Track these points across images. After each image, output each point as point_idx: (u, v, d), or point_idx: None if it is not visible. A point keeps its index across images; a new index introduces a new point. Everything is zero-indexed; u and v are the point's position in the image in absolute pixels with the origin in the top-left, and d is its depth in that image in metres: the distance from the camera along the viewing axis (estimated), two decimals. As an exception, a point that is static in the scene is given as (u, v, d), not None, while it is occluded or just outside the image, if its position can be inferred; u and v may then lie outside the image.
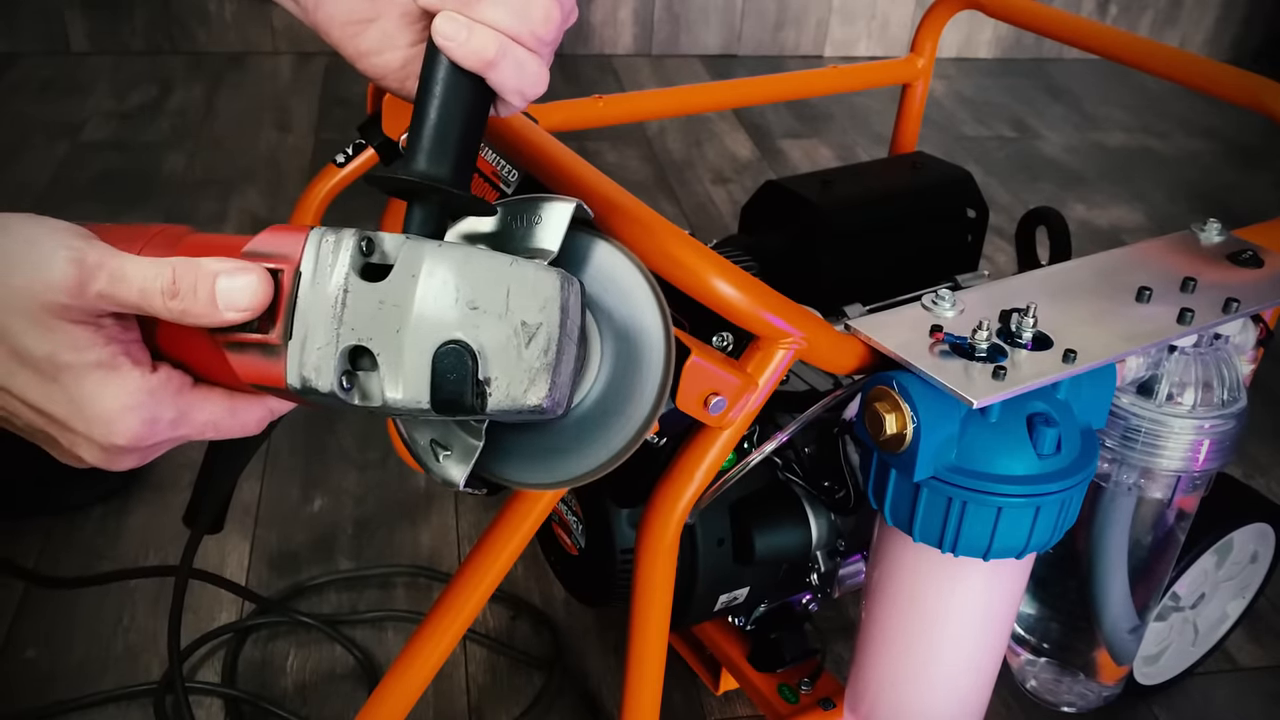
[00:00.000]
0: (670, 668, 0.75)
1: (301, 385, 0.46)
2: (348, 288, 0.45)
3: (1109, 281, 0.74)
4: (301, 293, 0.46)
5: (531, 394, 0.46)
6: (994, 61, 2.73)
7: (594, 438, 0.53)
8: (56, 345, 0.46)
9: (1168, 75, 0.98)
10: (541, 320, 0.46)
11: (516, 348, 0.46)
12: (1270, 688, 1.06)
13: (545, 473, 0.54)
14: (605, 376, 0.53)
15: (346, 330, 0.45)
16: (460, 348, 0.45)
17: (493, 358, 0.45)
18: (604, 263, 0.54)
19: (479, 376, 0.45)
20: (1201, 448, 0.76)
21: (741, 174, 2.05)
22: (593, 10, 2.54)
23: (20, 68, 2.28)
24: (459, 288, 0.45)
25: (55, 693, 0.96)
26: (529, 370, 0.46)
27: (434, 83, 0.50)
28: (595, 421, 0.53)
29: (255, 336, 0.46)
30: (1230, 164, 2.26)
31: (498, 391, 0.46)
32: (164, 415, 0.48)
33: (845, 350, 0.66)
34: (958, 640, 0.73)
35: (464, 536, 1.17)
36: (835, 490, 0.78)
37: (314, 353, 0.45)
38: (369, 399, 0.46)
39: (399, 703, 0.69)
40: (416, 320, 0.45)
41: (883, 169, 1.08)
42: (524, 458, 0.54)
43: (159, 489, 1.20)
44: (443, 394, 0.45)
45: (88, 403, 0.47)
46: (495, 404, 0.46)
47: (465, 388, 0.45)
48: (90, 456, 0.49)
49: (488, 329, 0.45)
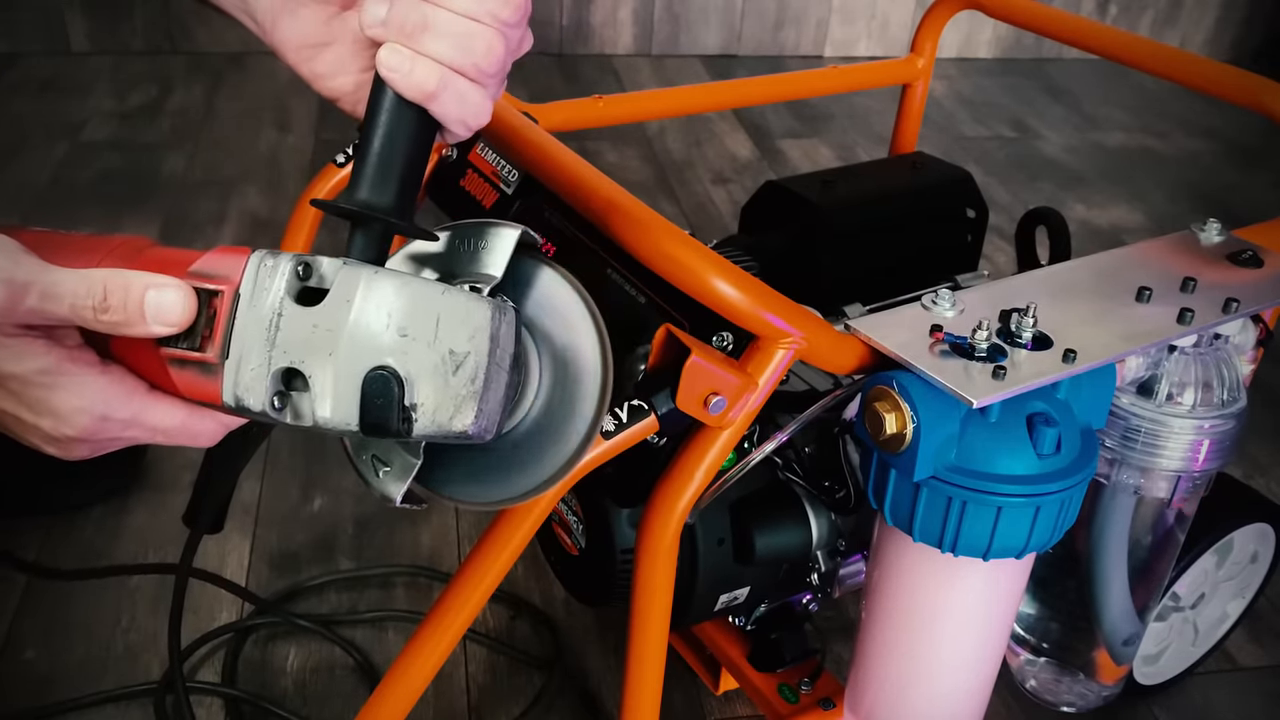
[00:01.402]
0: (670, 668, 0.75)
1: (235, 404, 0.47)
2: (282, 311, 0.47)
3: (1109, 281, 0.74)
4: (239, 314, 0.47)
5: (458, 420, 0.47)
6: (994, 61, 2.73)
7: (532, 459, 0.54)
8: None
9: (1168, 75, 0.98)
10: (470, 349, 0.47)
11: (444, 375, 0.47)
12: (1270, 688, 1.06)
13: (482, 492, 0.55)
14: (544, 398, 0.54)
15: (279, 353, 0.46)
16: (388, 374, 0.46)
17: (420, 384, 0.47)
18: (546, 288, 0.55)
19: (405, 402, 0.46)
20: (1201, 448, 0.76)
21: (741, 174, 2.05)
22: (593, 10, 2.54)
23: (20, 68, 2.28)
24: (390, 314, 0.46)
25: (55, 693, 0.96)
26: (455, 397, 0.47)
27: (379, 112, 0.51)
28: (533, 443, 0.54)
29: (194, 355, 0.48)
30: (1230, 164, 2.26)
31: (424, 417, 0.47)
32: (116, 414, 0.50)
33: (845, 350, 0.66)
34: (958, 640, 0.73)
35: (464, 536, 1.17)
36: (835, 490, 0.78)
37: (248, 373, 0.46)
38: (300, 418, 0.47)
39: (399, 703, 0.69)
40: (347, 345, 0.46)
41: (883, 169, 1.08)
42: (463, 476, 0.55)
43: (159, 489, 1.20)
44: (370, 417, 0.46)
45: (36, 404, 0.48)
46: (421, 429, 0.47)
47: (391, 413, 0.46)
48: (44, 446, 0.51)
49: (416, 356, 0.47)
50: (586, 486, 0.77)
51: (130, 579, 1.08)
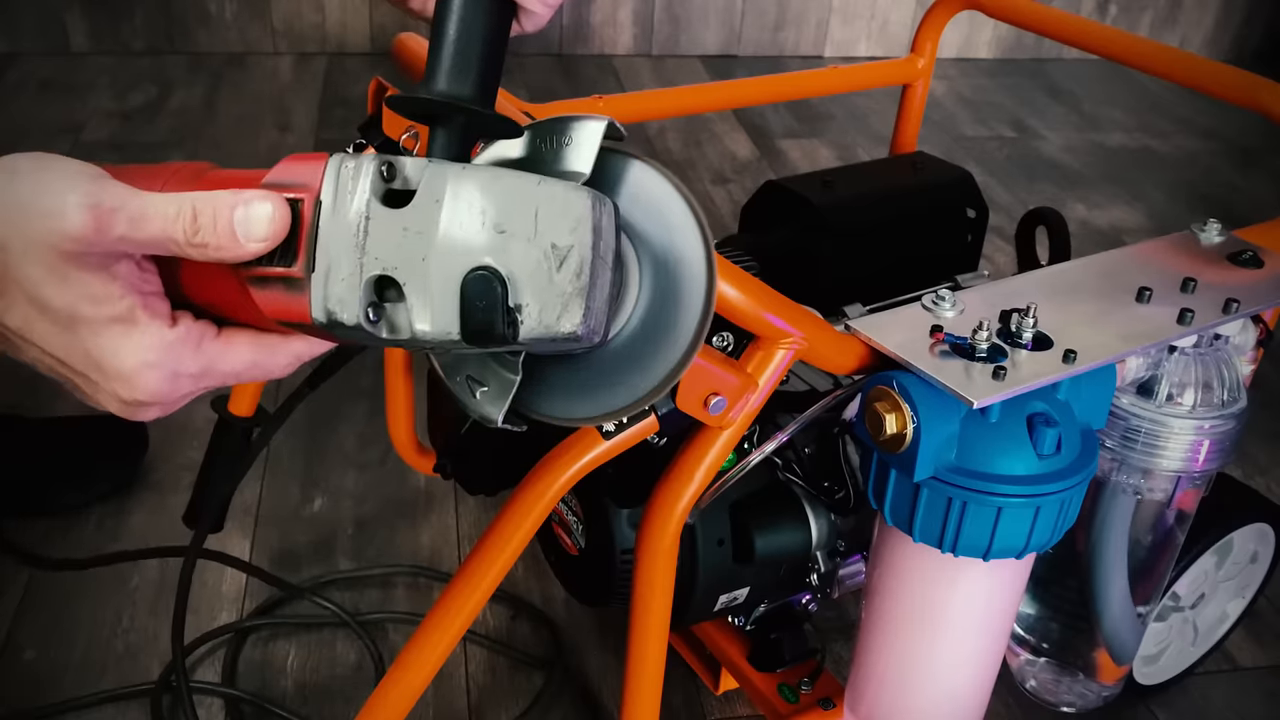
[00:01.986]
0: (670, 668, 0.75)
1: (327, 319, 0.43)
2: (369, 215, 0.43)
3: (1109, 282, 0.74)
4: (323, 223, 0.43)
5: (565, 320, 0.44)
6: (994, 62, 2.73)
7: (635, 367, 0.50)
8: (74, 297, 0.44)
9: (1168, 75, 0.98)
10: (573, 243, 0.44)
11: (547, 272, 0.44)
12: (1270, 688, 1.06)
13: (587, 406, 0.51)
14: (645, 304, 0.50)
15: (370, 260, 0.43)
16: (489, 274, 0.43)
17: (523, 283, 0.43)
18: (639, 184, 0.51)
19: (509, 304, 0.43)
20: (1201, 448, 0.76)
21: (741, 174, 2.05)
22: (593, 10, 2.54)
23: (20, 67, 2.28)
24: (485, 211, 0.43)
25: (55, 693, 0.96)
26: (561, 295, 0.44)
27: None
28: (636, 351, 0.50)
29: (278, 270, 0.44)
30: (1230, 164, 2.26)
31: (529, 319, 0.44)
32: (186, 369, 0.47)
33: (845, 350, 0.66)
34: (958, 640, 0.73)
35: (464, 536, 1.17)
36: (835, 490, 0.78)
37: (338, 284, 0.43)
38: (397, 331, 0.44)
39: (399, 703, 0.69)
40: (442, 247, 0.43)
41: (883, 169, 1.08)
42: (564, 392, 0.51)
43: (159, 489, 1.20)
44: (473, 323, 0.43)
45: (106, 359, 0.45)
46: (527, 332, 0.44)
47: (495, 315, 0.43)
48: (112, 407, 0.48)
49: (517, 253, 0.43)
50: (586, 486, 0.77)
51: (131, 579, 1.08)
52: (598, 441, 0.64)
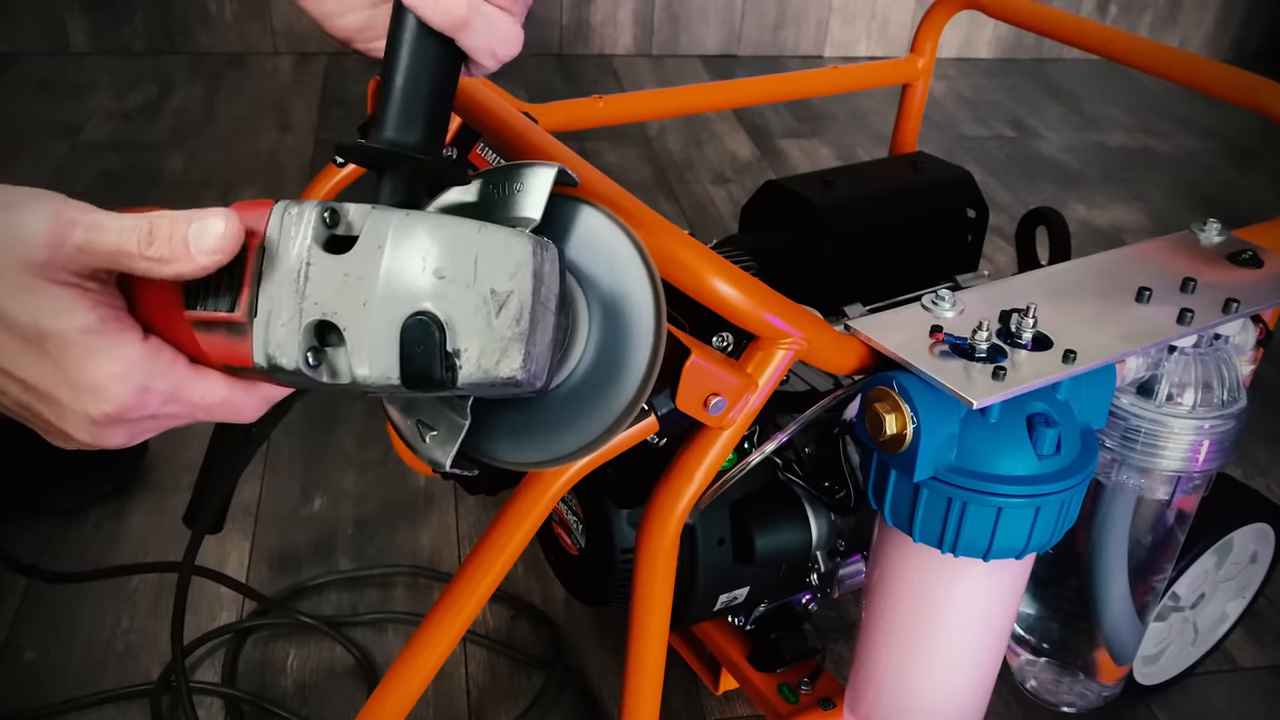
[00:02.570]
0: (670, 668, 0.75)
1: (268, 363, 0.44)
2: (310, 261, 0.44)
3: (1109, 281, 0.74)
4: (266, 268, 0.44)
5: (504, 365, 0.44)
6: (994, 61, 2.73)
7: (585, 412, 0.51)
8: (39, 310, 0.44)
9: (1168, 75, 0.98)
10: (512, 288, 0.44)
11: (486, 317, 0.44)
12: (1270, 688, 1.06)
13: (536, 451, 0.51)
14: (594, 347, 0.51)
15: (310, 305, 0.44)
16: (427, 319, 0.43)
17: (461, 328, 0.44)
18: (589, 229, 0.51)
19: (447, 348, 0.44)
20: (1201, 448, 0.76)
21: (741, 174, 2.05)
22: (593, 10, 2.54)
23: (20, 67, 2.28)
24: (425, 257, 0.44)
25: (55, 693, 0.96)
26: (500, 340, 0.44)
27: (400, 45, 0.48)
28: (586, 395, 0.51)
29: (221, 315, 0.45)
30: (1230, 164, 2.26)
31: (468, 363, 0.44)
32: (156, 386, 0.46)
33: (845, 350, 0.66)
34: (958, 640, 0.73)
35: (464, 536, 1.17)
36: (835, 490, 0.78)
37: (278, 329, 0.44)
38: (337, 376, 0.44)
39: (399, 703, 0.69)
40: (382, 292, 0.43)
41: (883, 169, 1.08)
42: (514, 436, 0.52)
43: (158, 490, 1.20)
44: (411, 368, 0.43)
45: (74, 370, 0.45)
46: (466, 376, 0.44)
47: (433, 360, 0.43)
48: (78, 431, 0.47)
49: (455, 299, 0.44)
50: (586, 486, 0.77)
51: (130, 580, 1.08)
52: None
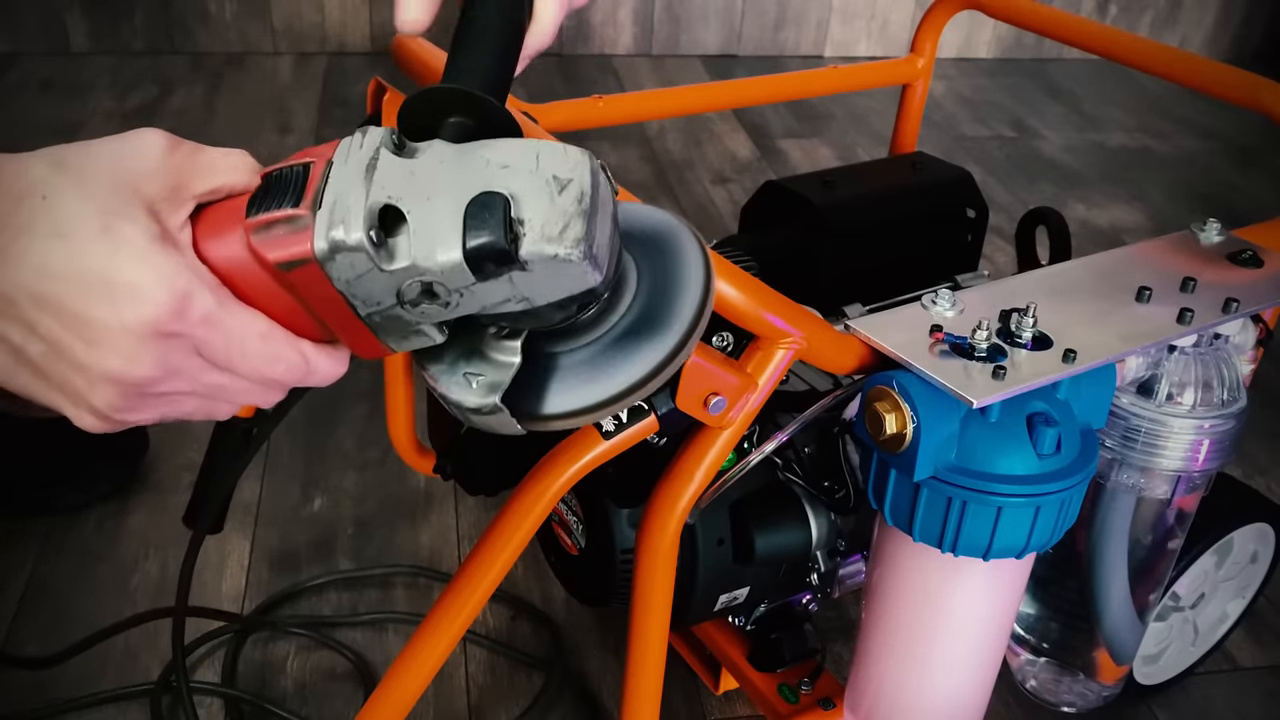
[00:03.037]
0: (670, 668, 0.75)
1: (329, 244, 0.43)
2: (378, 158, 0.45)
3: (1109, 281, 0.74)
4: (333, 172, 0.45)
5: (568, 235, 0.44)
6: (994, 62, 2.73)
7: (634, 353, 0.51)
8: (124, 214, 0.44)
9: (1168, 75, 0.98)
10: (573, 176, 0.45)
11: (550, 195, 0.45)
12: (1270, 688, 1.06)
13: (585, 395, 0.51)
14: (643, 294, 0.52)
15: (377, 189, 0.44)
16: (492, 194, 0.44)
17: (525, 202, 0.44)
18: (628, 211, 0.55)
19: (511, 216, 0.44)
20: (1201, 448, 0.76)
21: (741, 174, 2.05)
22: (593, 10, 2.54)
23: (21, 68, 2.28)
24: (489, 158, 0.45)
25: (55, 693, 0.96)
26: (564, 214, 0.44)
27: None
28: (635, 334, 0.51)
29: (284, 212, 0.44)
30: (1230, 164, 2.26)
31: (531, 232, 0.44)
32: (198, 297, 0.44)
33: (845, 350, 0.66)
34: (958, 640, 0.73)
35: (464, 536, 1.17)
36: (835, 490, 0.78)
37: (342, 210, 0.43)
38: (395, 258, 0.44)
39: (399, 703, 0.69)
40: (449, 183, 0.44)
41: (883, 169, 1.08)
42: (562, 385, 0.52)
43: (158, 490, 1.20)
44: (475, 237, 0.43)
45: (125, 266, 0.43)
46: (530, 246, 0.44)
47: (498, 226, 0.43)
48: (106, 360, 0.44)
49: (519, 180, 0.44)
50: (586, 486, 0.77)
51: (130, 580, 1.08)
52: (598, 441, 0.64)
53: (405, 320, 0.46)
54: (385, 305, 0.45)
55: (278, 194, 0.45)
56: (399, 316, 0.46)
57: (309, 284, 0.45)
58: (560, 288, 0.46)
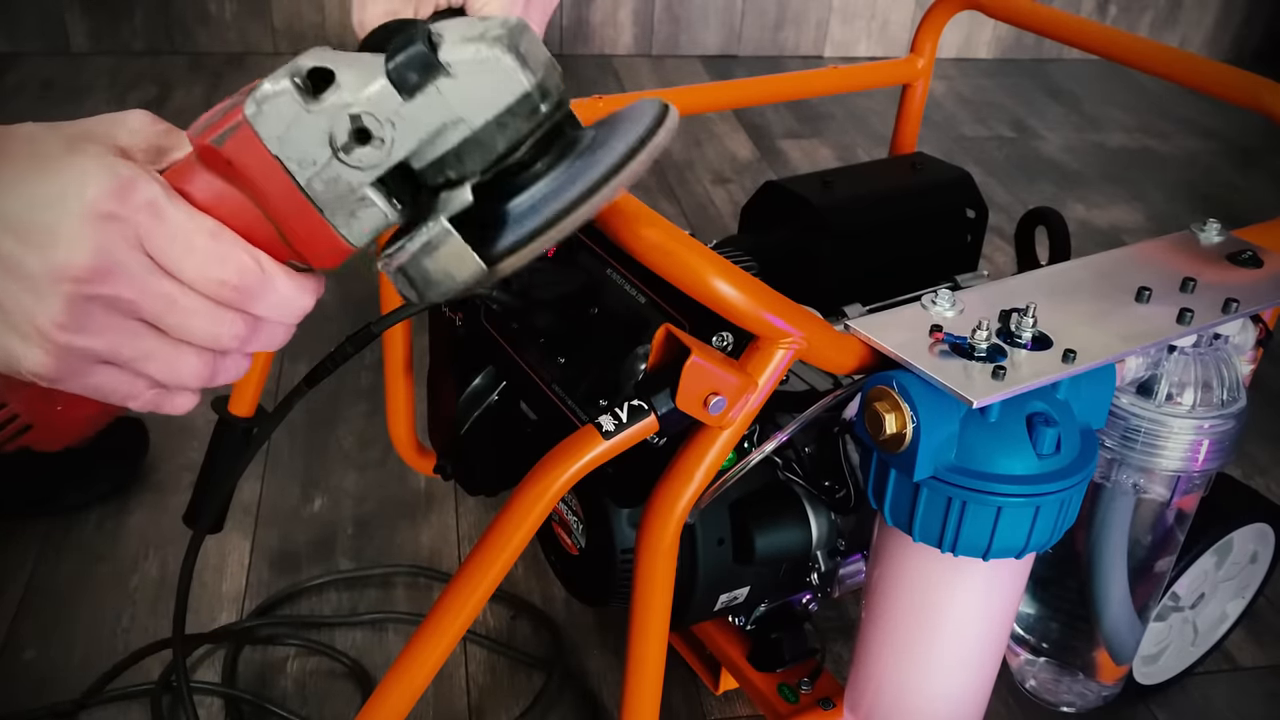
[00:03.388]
0: (670, 668, 0.75)
1: (257, 99, 0.43)
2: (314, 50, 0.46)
3: (1109, 281, 0.74)
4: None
5: (488, 34, 0.44)
6: (994, 62, 2.73)
7: (573, 180, 0.48)
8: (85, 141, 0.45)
9: (1168, 75, 0.98)
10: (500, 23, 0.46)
11: (469, 23, 0.45)
12: (1270, 688, 1.06)
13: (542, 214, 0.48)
14: (598, 136, 0.51)
15: (306, 59, 0.44)
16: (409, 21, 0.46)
17: (446, 28, 0.45)
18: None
19: (432, 31, 0.44)
20: (1201, 448, 0.76)
21: (741, 174, 2.05)
22: (593, 10, 2.54)
23: (21, 68, 2.28)
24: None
25: (55, 693, 0.96)
26: (482, 25, 0.45)
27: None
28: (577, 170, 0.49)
29: (221, 106, 0.46)
30: (1230, 164, 2.26)
31: (451, 37, 0.44)
32: (143, 184, 0.44)
33: (845, 350, 0.66)
34: (957, 640, 0.73)
35: (464, 536, 1.17)
36: (835, 490, 0.78)
37: (270, 76, 0.44)
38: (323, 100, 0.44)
39: (399, 703, 0.69)
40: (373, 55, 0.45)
41: (882, 169, 1.08)
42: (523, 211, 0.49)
43: (159, 490, 1.20)
44: (394, 50, 0.43)
45: (77, 163, 0.43)
46: (450, 48, 0.44)
47: (414, 37, 0.43)
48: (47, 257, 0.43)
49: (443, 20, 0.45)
50: (586, 486, 0.77)
51: (130, 580, 1.09)
52: (598, 441, 0.64)
53: (347, 183, 0.45)
54: (321, 162, 0.44)
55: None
56: (338, 176, 0.45)
57: (244, 158, 0.44)
58: (492, 95, 0.44)
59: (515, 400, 0.89)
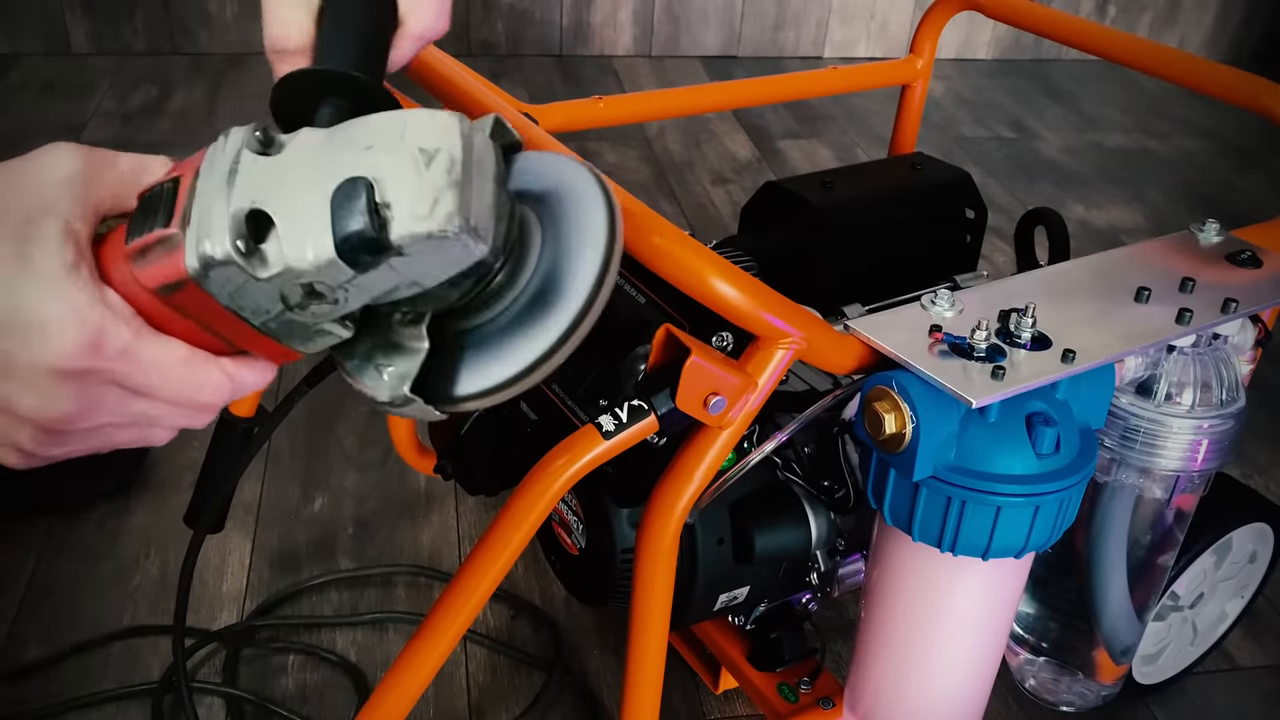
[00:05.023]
0: (670, 667, 0.76)
1: (199, 262, 0.42)
2: (239, 161, 0.43)
3: (1108, 282, 0.75)
4: (199, 183, 0.43)
5: (439, 210, 0.42)
6: (993, 62, 2.73)
7: (542, 319, 0.49)
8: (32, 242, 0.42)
9: (1167, 76, 0.98)
10: (440, 145, 0.43)
11: (416, 170, 0.43)
12: (1269, 687, 1.06)
13: (492, 374, 0.49)
14: (547, 257, 0.50)
15: (239, 195, 0.43)
16: (353, 181, 0.42)
17: (390, 182, 0.43)
18: (529, 161, 0.52)
19: (376, 200, 0.42)
20: (1200, 448, 0.76)
21: (741, 174, 2.05)
22: (593, 11, 2.54)
23: (21, 68, 2.28)
24: (353, 139, 0.44)
25: (55, 693, 0.97)
26: (433, 188, 0.43)
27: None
28: (541, 302, 0.49)
29: (156, 234, 0.43)
30: (1229, 164, 2.26)
31: (400, 213, 0.42)
32: (112, 335, 0.43)
33: (845, 350, 0.66)
34: (957, 639, 0.73)
35: (464, 536, 1.17)
36: (835, 490, 0.78)
37: (207, 224, 0.42)
38: (268, 264, 0.42)
39: (399, 703, 0.69)
40: (310, 174, 0.43)
41: (882, 170, 1.09)
42: (473, 365, 0.50)
43: (159, 489, 1.20)
44: (342, 229, 0.42)
45: (38, 301, 0.42)
46: (400, 229, 0.42)
47: (363, 215, 0.42)
48: (21, 402, 0.43)
49: (383, 160, 0.43)
50: (586, 486, 0.77)
51: (131, 579, 1.09)
52: (598, 441, 0.64)
53: (301, 323, 0.45)
54: (274, 312, 0.44)
55: (150, 215, 0.44)
56: (292, 320, 0.44)
57: (195, 303, 0.44)
58: (445, 266, 0.44)
59: (515, 400, 0.89)
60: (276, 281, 0.43)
